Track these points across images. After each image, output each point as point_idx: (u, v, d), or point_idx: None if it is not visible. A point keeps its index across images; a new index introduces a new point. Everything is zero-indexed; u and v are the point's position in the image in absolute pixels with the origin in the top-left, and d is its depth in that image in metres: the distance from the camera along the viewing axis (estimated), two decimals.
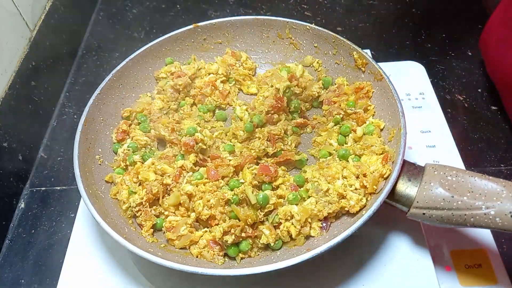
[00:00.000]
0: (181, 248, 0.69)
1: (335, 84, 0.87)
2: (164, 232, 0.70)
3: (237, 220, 0.67)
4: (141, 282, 0.71)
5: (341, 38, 0.85)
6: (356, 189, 0.68)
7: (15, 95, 0.89)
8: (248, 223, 0.67)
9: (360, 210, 0.67)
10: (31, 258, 0.78)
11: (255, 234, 0.67)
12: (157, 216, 0.72)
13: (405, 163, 0.67)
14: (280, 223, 0.68)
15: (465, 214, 0.59)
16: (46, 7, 1.06)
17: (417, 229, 0.72)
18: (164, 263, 0.59)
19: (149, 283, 0.71)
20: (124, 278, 0.71)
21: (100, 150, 0.80)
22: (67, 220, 0.83)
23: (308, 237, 0.68)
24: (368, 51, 1.03)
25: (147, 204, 0.71)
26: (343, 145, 0.78)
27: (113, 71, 0.84)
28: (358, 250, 0.71)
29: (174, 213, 0.72)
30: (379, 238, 0.72)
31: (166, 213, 0.72)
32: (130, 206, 0.71)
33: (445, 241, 0.73)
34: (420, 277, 0.68)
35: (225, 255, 0.68)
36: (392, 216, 0.67)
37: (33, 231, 0.82)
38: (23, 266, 0.77)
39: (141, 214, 0.71)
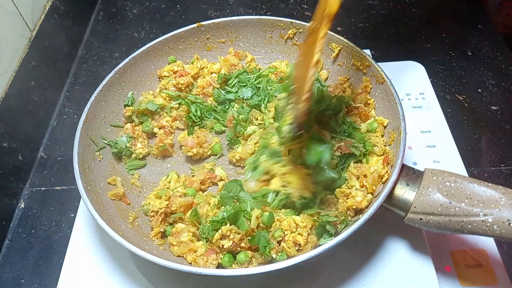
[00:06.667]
0: (177, 256, 0.68)
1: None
2: (167, 236, 0.70)
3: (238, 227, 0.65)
4: (141, 282, 0.71)
5: (344, 39, 0.84)
6: (356, 189, 0.68)
7: (15, 95, 0.89)
8: (250, 235, 0.65)
9: (368, 205, 0.66)
10: (31, 258, 0.78)
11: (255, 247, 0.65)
12: (170, 224, 0.72)
13: (403, 167, 0.66)
14: (285, 235, 0.65)
15: (462, 221, 0.59)
16: (46, 7, 1.05)
17: (418, 230, 0.72)
18: (159, 262, 0.59)
19: (149, 283, 0.71)
20: (124, 278, 0.71)
21: None
22: (67, 220, 0.83)
23: None
24: (368, 51, 1.03)
25: (164, 214, 0.71)
26: None
27: (116, 68, 0.84)
28: (359, 250, 0.71)
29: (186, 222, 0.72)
30: (380, 239, 0.72)
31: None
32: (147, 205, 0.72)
33: (445, 241, 0.73)
34: (420, 277, 0.68)
35: (219, 265, 0.66)
36: (392, 216, 0.67)
37: (33, 231, 0.82)
38: (23, 266, 0.77)
39: (153, 220, 0.71)
